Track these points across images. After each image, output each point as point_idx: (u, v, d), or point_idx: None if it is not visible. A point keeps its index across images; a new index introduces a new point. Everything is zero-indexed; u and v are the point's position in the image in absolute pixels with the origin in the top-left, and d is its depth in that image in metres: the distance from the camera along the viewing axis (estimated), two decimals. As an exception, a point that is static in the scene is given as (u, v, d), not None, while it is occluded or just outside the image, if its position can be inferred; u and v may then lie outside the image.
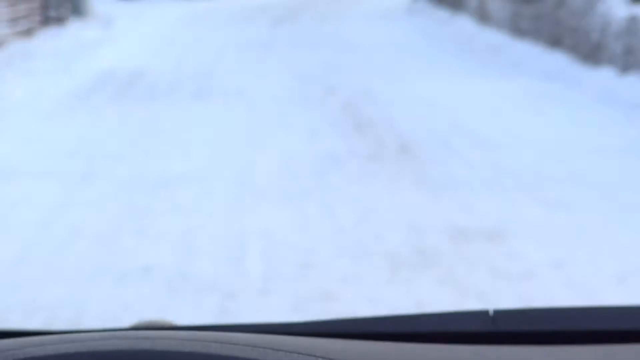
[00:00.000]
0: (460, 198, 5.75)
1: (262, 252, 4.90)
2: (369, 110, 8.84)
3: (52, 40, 14.69)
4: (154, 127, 7.93)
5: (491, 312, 0.98)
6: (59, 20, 16.42)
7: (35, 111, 8.79)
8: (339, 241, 4.96)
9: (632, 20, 9.17)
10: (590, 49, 10.64)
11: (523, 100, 9.24)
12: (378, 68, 11.66)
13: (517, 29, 14.10)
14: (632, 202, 5.86)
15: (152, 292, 4.78)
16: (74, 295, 4.72)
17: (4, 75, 10.87)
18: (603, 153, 7.01)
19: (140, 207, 5.56)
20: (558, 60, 11.55)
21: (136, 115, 8.55)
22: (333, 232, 5.13)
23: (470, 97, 9.44)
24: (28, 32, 14.84)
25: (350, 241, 4.84)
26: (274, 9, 20.56)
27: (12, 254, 4.79)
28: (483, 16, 16.33)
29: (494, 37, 14.63)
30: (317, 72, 11.07)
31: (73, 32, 15.78)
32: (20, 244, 4.80)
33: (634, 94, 8.73)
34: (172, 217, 5.36)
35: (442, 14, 18.19)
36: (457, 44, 14.84)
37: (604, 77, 9.67)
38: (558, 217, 5.38)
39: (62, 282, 4.35)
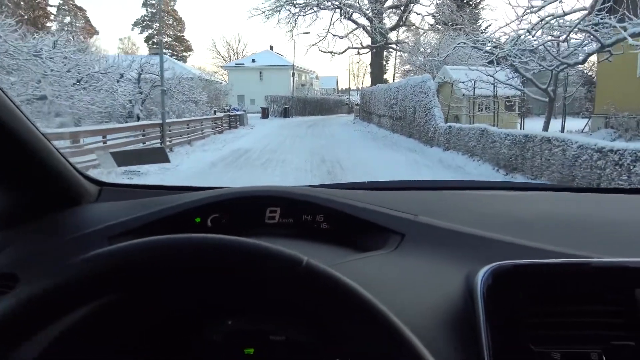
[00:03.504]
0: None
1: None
2: (335, 162, 8.25)
3: (227, 135, 15.63)
4: (244, 176, 7.02)
5: (362, 183, 0.97)
6: (234, 127, 18.63)
7: (192, 169, 7.79)
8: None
9: (449, 127, 9.38)
10: (427, 138, 10.67)
11: (405, 163, 8.56)
12: (341, 145, 11.57)
13: (394, 129, 14.53)
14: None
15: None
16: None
17: (195, 150, 10.70)
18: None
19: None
20: (412, 143, 11.58)
21: (238, 173, 7.45)
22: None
23: (381, 160, 8.82)
24: (220, 131, 16.19)
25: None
26: (310, 121, 23.69)
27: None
28: (380, 125, 17.13)
29: (385, 133, 15.16)
30: (317, 150, 10.45)
31: (237, 131, 17.36)
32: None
33: (451, 160, 8.55)
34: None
35: (364, 124, 19.99)
36: (370, 135, 15.26)
37: (437, 151, 9.53)
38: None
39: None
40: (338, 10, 25.59)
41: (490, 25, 26.59)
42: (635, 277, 0.50)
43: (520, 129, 12.16)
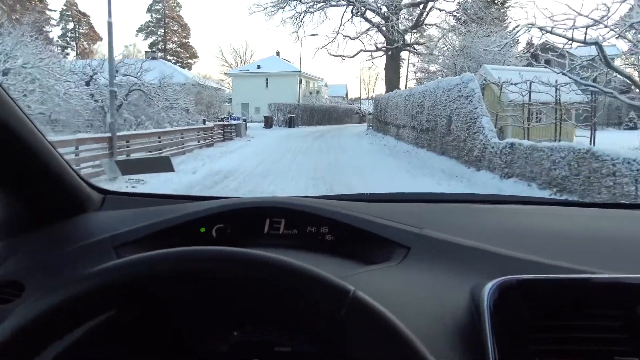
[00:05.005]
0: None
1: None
2: (344, 184, 6.03)
3: (216, 149, 12.82)
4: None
5: (366, 194, 0.97)
6: (229, 138, 15.82)
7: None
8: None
9: (510, 145, 6.70)
10: (472, 158, 8.00)
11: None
12: (354, 164, 9.05)
13: (418, 143, 12.00)
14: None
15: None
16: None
17: (160, 173, 6.20)
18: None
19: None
20: (448, 162, 8.92)
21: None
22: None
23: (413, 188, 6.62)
24: (210, 144, 13.69)
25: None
26: (317, 132, 21.00)
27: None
28: (398, 137, 14.62)
29: (406, 147, 12.47)
30: (323, 172, 8.03)
31: (230, 144, 14.49)
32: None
33: (514, 192, 5.95)
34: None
35: (379, 135, 17.44)
36: (388, 150, 12.61)
37: (489, 178, 6.93)
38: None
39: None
40: (350, 8, 22.88)
41: (518, 26, 23.69)
42: (636, 293, 0.51)
43: (591, 144, 9.30)
